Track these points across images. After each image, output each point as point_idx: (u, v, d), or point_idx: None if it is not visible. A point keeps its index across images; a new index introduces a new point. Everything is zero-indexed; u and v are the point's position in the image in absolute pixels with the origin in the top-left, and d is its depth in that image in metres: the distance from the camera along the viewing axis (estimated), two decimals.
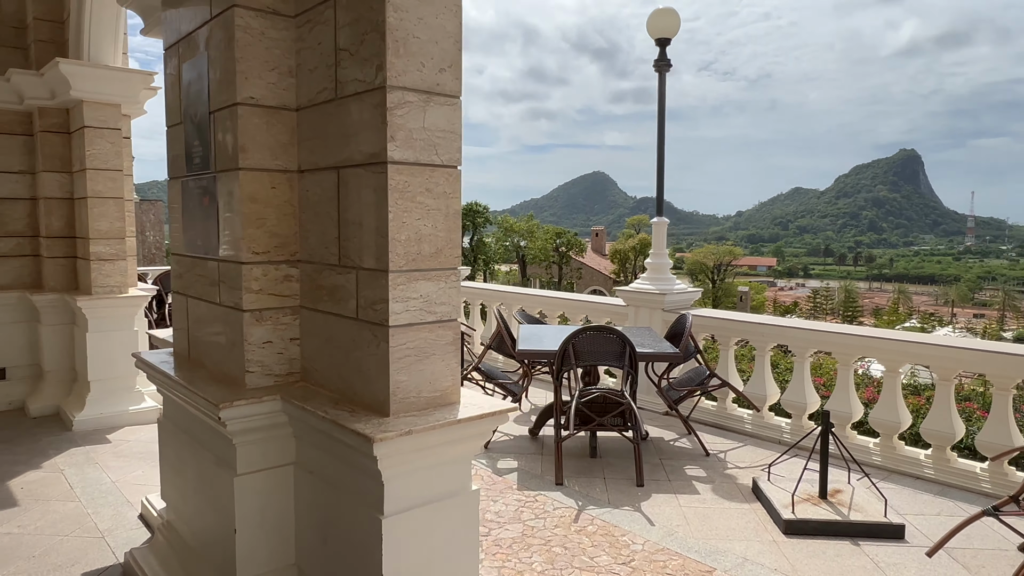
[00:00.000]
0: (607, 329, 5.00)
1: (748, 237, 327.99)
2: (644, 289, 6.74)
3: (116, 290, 5.88)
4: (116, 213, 5.85)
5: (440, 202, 2.33)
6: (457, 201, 2.39)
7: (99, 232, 5.79)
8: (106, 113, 5.74)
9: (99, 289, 5.81)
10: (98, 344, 5.80)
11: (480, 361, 5.67)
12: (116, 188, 5.85)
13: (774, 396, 6.05)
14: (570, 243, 57.71)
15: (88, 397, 5.78)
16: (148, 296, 6.59)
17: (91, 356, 5.80)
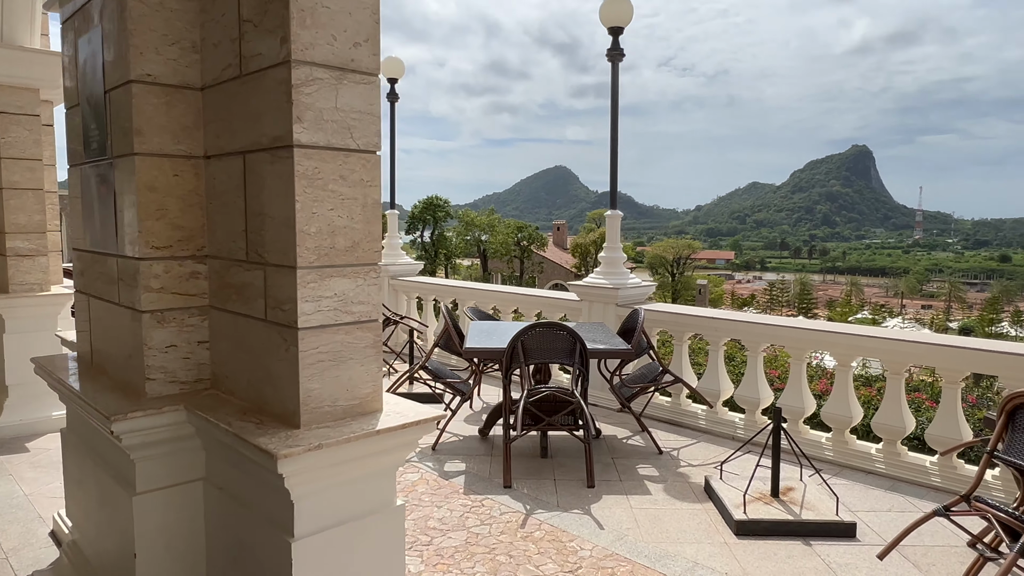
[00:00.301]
0: (557, 325, 4.84)
1: (707, 231, 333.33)
2: (597, 284, 6.60)
3: (36, 288, 5.50)
4: (35, 206, 5.46)
5: (356, 191, 2.11)
6: (376, 190, 2.17)
7: (16, 226, 5.39)
8: (23, 98, 5.34)
9: (17, 287, 5.42)
10: (17, 346, 5.42)
11: (427, 359, 5.46)
12: (35, 179, 5.45)
13: (728, 391, 5.97)
14: (532, 237, 57.63)
15: (6, 403, 5.40)
16: (72, 294, 6.19)
17: (8, 359, 5.41)
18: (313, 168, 2.00)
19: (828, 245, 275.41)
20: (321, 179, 2.02)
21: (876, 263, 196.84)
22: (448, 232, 56.38)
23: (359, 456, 2.06)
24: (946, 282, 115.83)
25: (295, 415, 2.04)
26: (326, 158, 2.03)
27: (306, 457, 1.90)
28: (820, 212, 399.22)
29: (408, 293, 9.14)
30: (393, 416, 2.18)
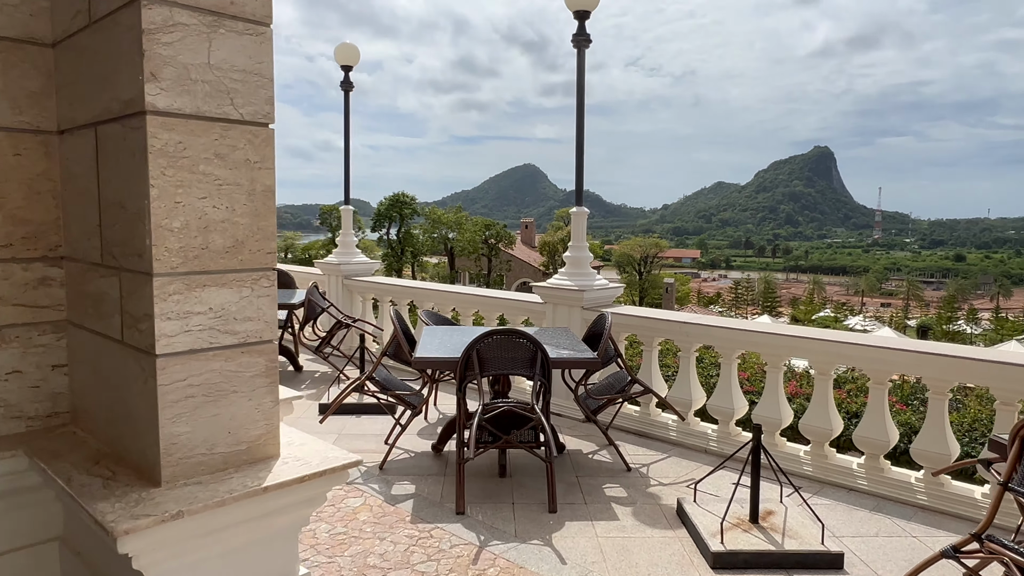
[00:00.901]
0: (516, 332, 4.39)
1: (674, 230, 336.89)
2: (562, 285, 6.17)
3: None
4: None
5: (241, 174, 1.63)
6: (269, 174, 1.69)
7: None
8: None
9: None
10: None
11: (375, 369, 4.96)
12: None
13: (700, 400, 5.60)
14: (499, 235, 57.10)
15: None
16: None
17: None
18: (176, 143, 1.51)
19: (791, 244, 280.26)
20: (188, 157, 1.53)
21: (837, 262, 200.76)
22: (415, 230, 55.57)
23: (243, 520, 1.58)
24: (904, 280, 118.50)
25: (155, 468, 1.55)
26: (196, 130, 1.54)
27: (160, 530, 1.41)
28: (784, 212, 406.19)
29: (363, 294, 8.60)
30: (292, 465, 1.70)
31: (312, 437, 1.90)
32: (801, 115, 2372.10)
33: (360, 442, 5.35)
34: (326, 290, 8.86)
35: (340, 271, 8.57)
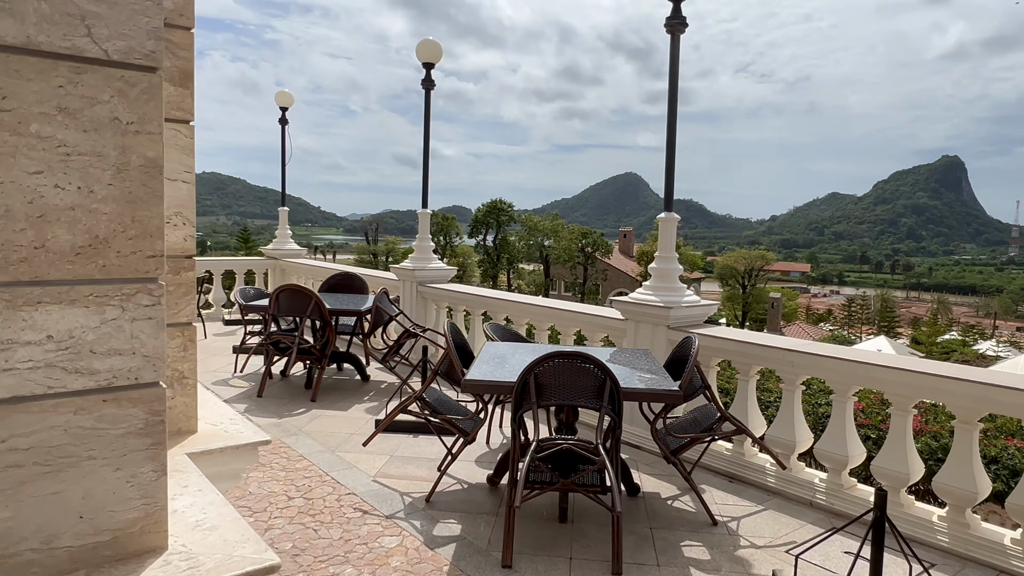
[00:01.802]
0: (581, 356, 3.74)
1: (782, 242, 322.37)
2: (645, 301, 5.45)
3: None
4: None
5: (103, 140, 1.11)
6: (154, 141, 1.16)
7: None
8: None
9: None
10: None
11: (426, 389, 4.45)
12: None
13: (806, 443, 4.73)
14: (596, 244, 56.10)
15: None
16: None
17: None
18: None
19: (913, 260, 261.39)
20: (11, 112, 1.03)
21: (966, 280, 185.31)
22: (511, 236, 55.56)
23: None
24: None
25: None
26: (24, 70, 1.03)
27: None
28: (905, 225, 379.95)
29: (437, 302, 8.18)
30: (183, 567, 1.16)
31: (232, 515, 1.36)
32: (928, 122, 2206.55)
33: (411, 466, 4.86)
34: (400, 296, 8.51)
35: (415, 277, 8.19)
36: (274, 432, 5.52)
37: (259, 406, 6.24)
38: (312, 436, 5.47)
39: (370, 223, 74.56)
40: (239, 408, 6.13)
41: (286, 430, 5.59)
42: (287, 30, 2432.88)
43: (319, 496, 4.29)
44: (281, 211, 12.01)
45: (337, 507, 4.15)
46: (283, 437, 5.40)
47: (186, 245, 1.79)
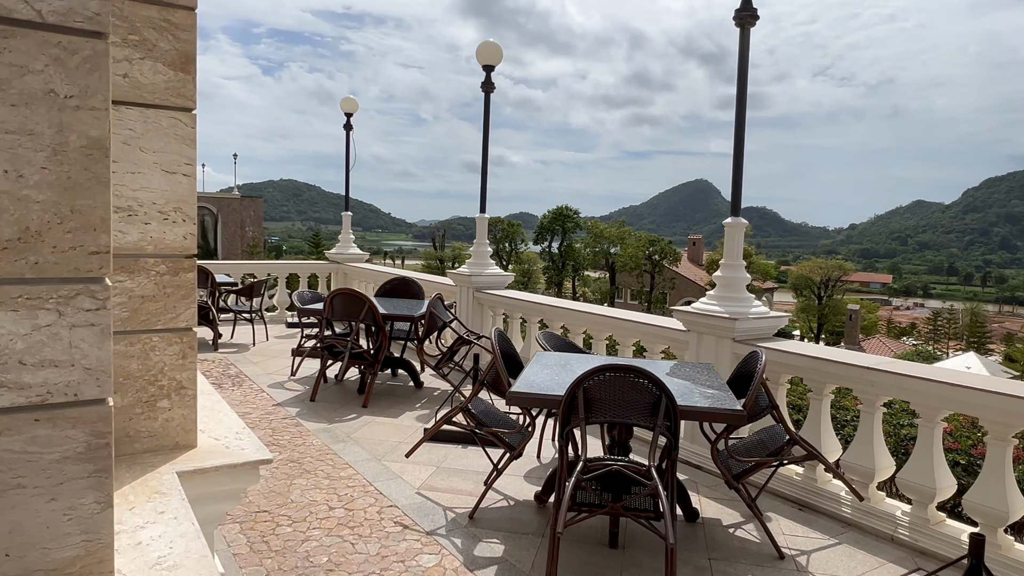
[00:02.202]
0: (635, 370, 3.47)
1: (861, 252, 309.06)
2: (709, 311, 5.11)
3: None
4: None
5: (35, 116, 0.95)
6: (98, 119, 1.00)
7: None
8: None
9: None
10: None
11: (471, 399, 4.26)
12: None
13: (886, 470, 4.30)
14: (664, 251, 55.00)
15: None
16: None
17: None
18: None
19: (1007, 272, 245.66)
20: None
21: None
22: (577, 243, 55.13)
23: None
24: None
25: None
26: None
27: None
28: (998, 235, 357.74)
29: (494, 308, 8.01)
30: None
31: (200, 551, 1.18)
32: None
33: (457, 479, 4.68)
34: (456, 302, 8.39)
35: (471, 283, 8.04)
36: (323, 438, 5.44)
37: (311, 410, 6.20)
38: (360, 443, 5.36)
39: (437, 229, 75.55)
40: (291, 412, 6.11)
41: (335, 436, 5.50)
42: (362, 41, 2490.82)
43: (360, 508, 4.16)
44: (345, 216, 12.13)
45: (377, 520, 4.00)
46: (331, 443, 5.32)
47: (186, 244, 1.65)
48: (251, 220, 50.76)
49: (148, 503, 1.36)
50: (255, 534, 3.76)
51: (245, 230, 49.78)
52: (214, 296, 9.04)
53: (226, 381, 7.16)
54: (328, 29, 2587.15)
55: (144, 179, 1.59)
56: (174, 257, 1.64)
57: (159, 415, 1.65)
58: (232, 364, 8.00)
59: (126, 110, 1.56)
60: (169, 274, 1.64)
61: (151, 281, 1.62)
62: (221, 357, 8.37)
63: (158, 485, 1.45)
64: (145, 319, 1.62)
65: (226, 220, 47.37)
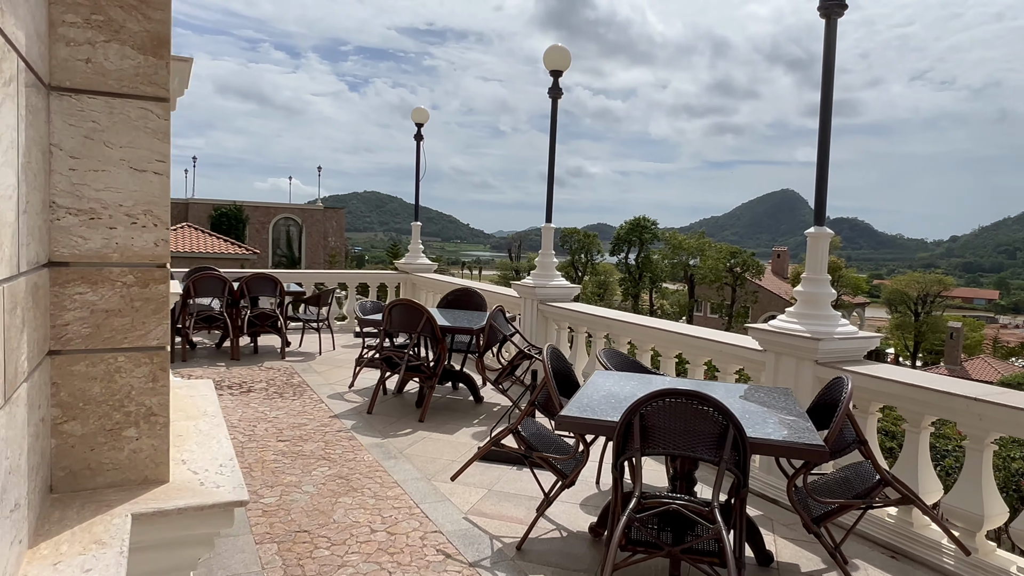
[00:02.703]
0: (699, 396, 3.10)
1: (963, 265, 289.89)
2: (788, 330, 4.64)
3: None
4: None
5: None
6: None
7: None
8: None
9: None
10: None
11: (521, 420, 3.96)
12: None
13: (998, 517, 3.73)
14: (746, 264, 53.02)
15: None
16: None
17: None
18: None
19: None
20: None
21: None
22: (654, 255, 53.97)
23: None
24: None
25: None
26: None
27: None
28: None
29: (558, 322, 7.71)
30: None
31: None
32: None
33: (508, 504, 4.40)
34: (520, 315, 8.14)
35: (535, 295, 7.77)
36: (375, 453, 5.28)
37: (366, 423, 6.07)
38: (411, 460, 5.17)
39: (513, 240, 75.76)
40: (347, 424, 5.99)
41: (387, 452, 5.33)
42: (443, 56, 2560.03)
43: (403, 532, 3.94)
44: (414, 226, 12.13)
45: (420, 547, 3.76)
46: (382, 460, 5.15)
47: (157, 252, 1.45)
48: (333, 230, 52.33)
49: (79, 556, 1.15)
50: (292, 556, 3.60)
51: (328, 240, 51.35)
52: (282, 305, 9.13)
53: (288, 391, 7.15)
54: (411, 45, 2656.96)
55: (109, 178, 1.41)
56: (143, 266, 1.45)
57: (125, 445, 1.46)
58: (296, 373, 8.02)
59: (89, 100, 1.38)
60: (138, 286, 1.45)
61: (117, 293, 1.43)
62: (287, 366, 8.42)
63: (102, 532, 1.25)
64: (110, 336, 1.43)
65: (309, 230, 49.00)
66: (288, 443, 5.44)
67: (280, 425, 5.89)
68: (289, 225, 49.18)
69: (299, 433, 5.69)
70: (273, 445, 5.36)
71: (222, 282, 8.56)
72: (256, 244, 45.31)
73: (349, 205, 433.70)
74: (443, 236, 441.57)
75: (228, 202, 45.34)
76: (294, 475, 4.75)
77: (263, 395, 6.91)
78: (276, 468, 4.87)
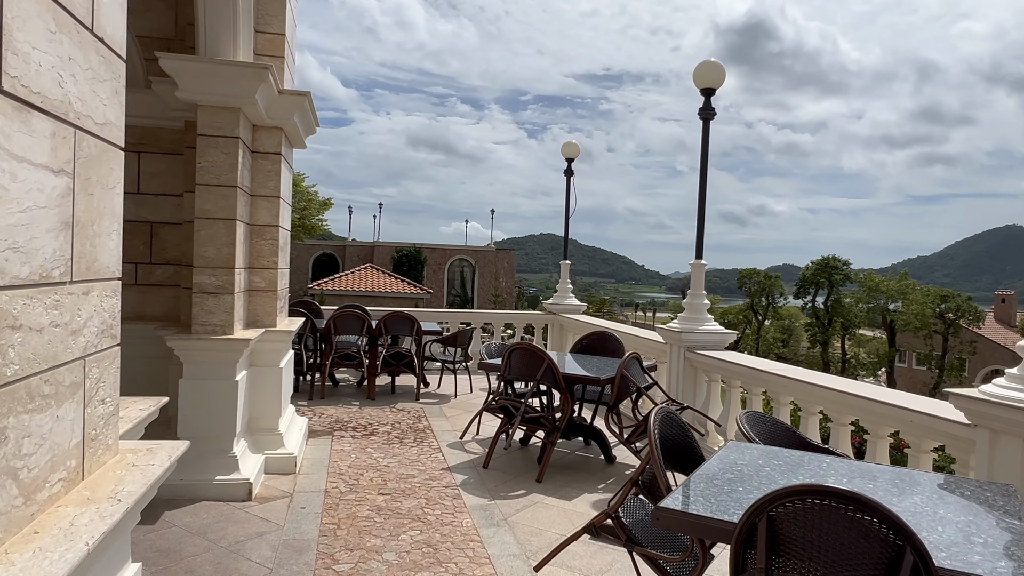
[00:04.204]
0: (857, 501, 2.12)
1: None
2: (1011, 400, 3.37)
3: (218, 330, 4.84)
4: (225, 238, 4.84)
5: None
6: None
7: (204, 260, 4.82)
8: (221, 118, 4.80)
9: (199, 328, 4.82)
10: (190, 393, 4.80)
11: (622, 503, 3.12)
12: (228, 208, 4.85)
13: None
14: (961, 309, 46.16)
15: None
16: (295, 330, 5.56)
17: (183, 408, 4.82)
18: None
19: None
20: None
21: None
22: (846, 298, 48.89)
23: None
24: None
25: None
26: None
27: None
28: None
29: (708, 373, 6.67)
30: None
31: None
32: None
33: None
34: (666, 363, 7.19)
35: (681, 340, 6.80)
36: (476, 517, 4.66)
37: (478, 479, 5.47)
38: (514, 530, 4.47)
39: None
40: (456, 479, 5.44)
41: (490, 517, 4.68)
42: (620, 99, 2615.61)
43: None
44: (563, 265, 11.57)
45: None
46: (482, 526, 4.50)
47: None
48: (504, 271, 53.55)
49: None
50: None
51: (499, 280, 52.60)
52: (420, 344, 8.92)
53: (409, 436, 6.78)
54: (588, 91, 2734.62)
55: None
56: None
57: None
58: (424, 416, 7.67)
59: None
60: None
61: None
62: (419, 408, 8.11)
63: None
64: None
65: (482, 271, 50.52)
66: (388, 497, 4.98)
67: (388, 475, 5.47)
68: (463, 266, 51.07)
69: (404, 486, 5.23)
70: (372, 499, 4.92)
71: (361, 320, 8.52)
72: (433, 284, 47.55)
73: (525, 247, 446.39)
74: (617, 277, 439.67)
75: (409, 244, 48.04)
76: (380, 537, 4.25)
77: (383, 439, 6.59)
78: (365, 527, 4.40)
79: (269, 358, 5.46)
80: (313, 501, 4.83)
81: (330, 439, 6.52)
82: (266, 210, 5.45)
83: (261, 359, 5.43)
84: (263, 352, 5.43)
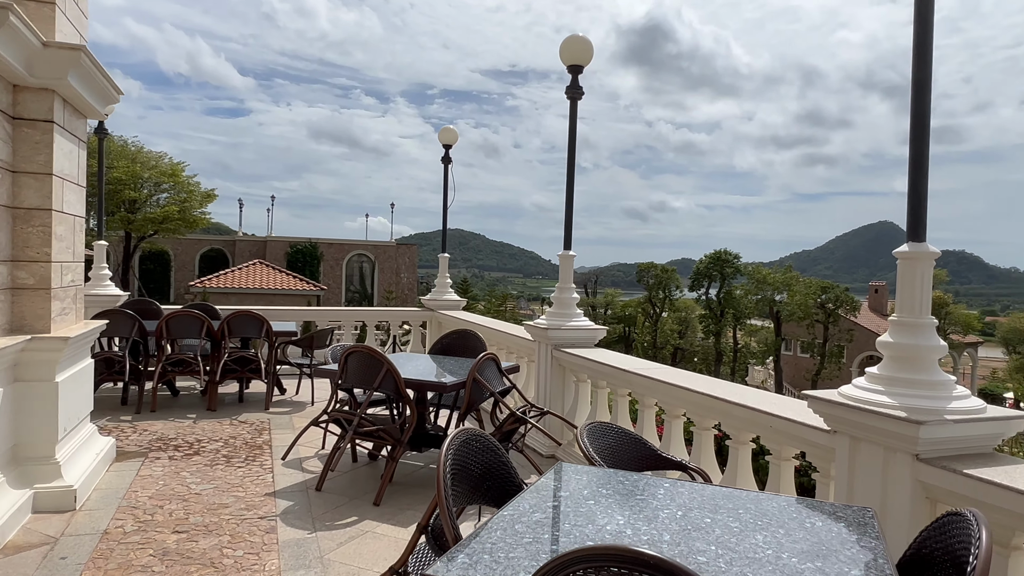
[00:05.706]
0: (657, 566, 1.54)
1: None
2: (870, 403, 2.96)
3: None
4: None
5: None
6: None
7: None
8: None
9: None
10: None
11: (407, 556, 2.45)
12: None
13: None
14: (839, 299, 48.95)
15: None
16: (79, 336, 4.59)
17: None
18: None
19: None
20: None
21: None
22: (737, 290, 50.85)
23: None
24: None
25: None
26: None
27: None
28: None
29: (577, 373, 6.16)
30: None
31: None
32: None
33: None
34: (535, 362, 6.64)
35: (548, 338, 6.27)
36: (286, 556, 3.89)
37: (305, 506, 4.70)
38: (328, 572, 3.74)
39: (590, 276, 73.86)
40: (279, 507, 4.65)
41: (303, 555, 3.93)
42: (526, 96, 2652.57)
43: None
44: (441, 258, 10.86)
45: None
46: (289, 570, 3.74)
47: None
48: (406, 266, 52.23)
49: None
50: None
51: (400, 276, 51.23)
52: (272, 347, 7.99)
53: (241, 453, 5.90)
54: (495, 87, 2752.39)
55: None
56: None
57: None
58: (267, 429, 6.78)
59: None
60: None
61: None
62: (265, 419, 7.21)
63: None
64: None
65: (382, 267, 49.06)
66: (184, 536, 4.12)
67: (194, 507, 4.60)
68: (363, 262, 49.43)
69: (209, 520, 4.38)
70: (161, 540, 4.06)
71: (200, 321, 7.50)
72: (330, 280, 45.68)
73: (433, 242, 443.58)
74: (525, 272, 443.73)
75: (304, 239, 45.99)
76: None
77: (207, 460, 5.68)
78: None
79: (39, 371, 4.46)
80: (81, 548, 3.91)
81: (141, 462, 5.55)
82: (34, 190, 4.44)
83: (28, 372, 4.42)
84: (31, 364, 4.43)
